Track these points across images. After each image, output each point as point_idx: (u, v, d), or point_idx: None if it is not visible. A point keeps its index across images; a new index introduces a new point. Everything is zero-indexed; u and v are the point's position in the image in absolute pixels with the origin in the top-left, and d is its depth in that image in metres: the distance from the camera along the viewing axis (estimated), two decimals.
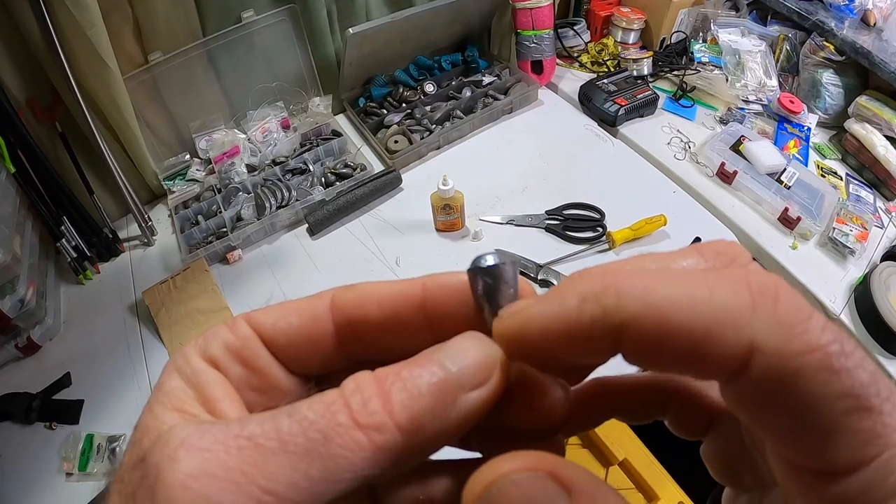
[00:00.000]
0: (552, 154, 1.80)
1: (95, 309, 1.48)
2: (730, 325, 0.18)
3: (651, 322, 0.19)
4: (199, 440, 0.21)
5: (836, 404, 0.18)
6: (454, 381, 0.23)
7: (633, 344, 0.20)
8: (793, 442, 0.19)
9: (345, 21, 1.81)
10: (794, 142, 1.79)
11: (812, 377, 0.18)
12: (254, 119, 1.82)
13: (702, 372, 0.20)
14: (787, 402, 0.18)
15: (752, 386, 0.19)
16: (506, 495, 0.21)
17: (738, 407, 0.21)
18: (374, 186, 1.64)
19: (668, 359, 0.20)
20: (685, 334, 0.19)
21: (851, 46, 1.79)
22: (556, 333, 0.22)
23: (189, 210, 1.63)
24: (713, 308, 0.19)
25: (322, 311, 0.28)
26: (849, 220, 1.53)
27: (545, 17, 1.88)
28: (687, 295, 0.19)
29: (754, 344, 0.18)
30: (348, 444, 0.21)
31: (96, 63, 1.37)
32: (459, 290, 0.27)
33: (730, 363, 0.19)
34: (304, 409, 0.22)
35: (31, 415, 1.25)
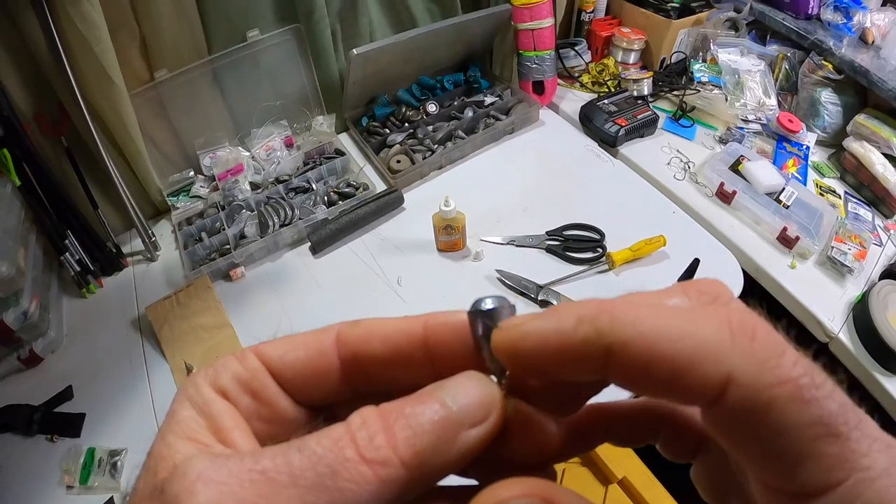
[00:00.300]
0: (553, 174, 1.81)
1: (98, 323, 1.49)
2: (710, 357, 0.20)
3: (639, 348, 0.21)
4: (216, 473, 0.22)
5: (805, 431, 0.19)
6: (455, 418, 0.24)
7: (619, 366, 0.22)
8: (766, 466, 0.21)
9: (349, 41, 1.83)
10: (792, 161, 1.79)
11: (783, 407, 0.19)
12: (258, 137, 1.84)
13: (682, 397, 0.22)
14: (760, 429, 0.20)
15: (729, 413, 0.21)
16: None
17: (716, 431, 0.22)
18: (377, 206, 1.65)
19: (651, 383, 0.22)
20: (669, 362, 0.21)
21: (850, 65, 1.80)
22: (551, 347, 0.24)
23: (192, 226, 1.63)
24: (696, 341, 0.21)
25: (328, 346, 0.29)
26: (847, 239, 1.53)
27: (547, 38, 1.90)
28: (674, 327, 0.21)
29: (731, 375, 0.20)
30: (355, 478, 0.22)
31: (103, 79, 1.39)
32: (459, 328, 0.28)
33: (708, 392, 0.21)
34: (312, 443, 0.23)
35: (32, 427, 1.25)
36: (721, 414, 0.21)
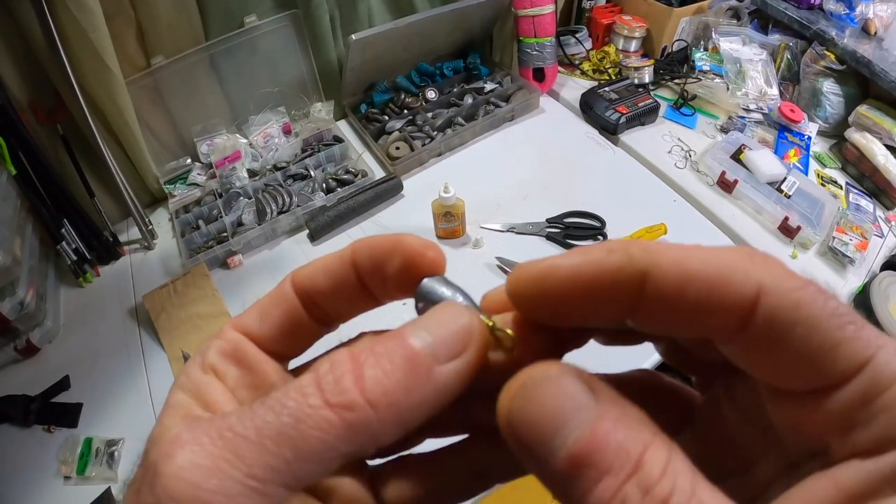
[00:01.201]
0: (553, 162, 1.80)
1: (95, 312, 1.48)
2: (740, 271, 0.21)
3: (673, 268, 0.22)
4: (189, 435, 0.22)
5: (832, 321, 0.21)
6: (427, 352, 0.23)
7: (655, 291, 0.22)
8: (799, 369, 0.21)
9: (347, 27, 1.81)
10: (794, 151, 1.79)
11: (810, 304, 0.21)
12: (255, 124, 1.82)
13: (718, 316, 0.22)
14: (793, 331, 0.21)
15: (762, 322, 0.21)
16: (540, 388, 0.22)
17: (745, 350, 0.23)
18: (375, 193, 1.64)
19: (687, 305, 0.22)
20: (703, 279, 0.21)
21: (852, 55, 1.79)
22: (582, 279, 0.23)
23: (190, 214, 1.63)
24: (724, 261, 0.22)
25: (288, 293, 0.29)
26: (848, 230, 1.53)
27: (547, 25, 1.88)
28: (701, 253, 0.22)
29: (761, 285, 0.21)
30: (319, 425, 0.21)
31: (98, 66, 1.37)
32: (378, 248, 0.28)
33: (743, 302, 0.21)
34: (278, 395, 0.23)
35: (29, 417, 1.25)
36: (754, 326, 0.21)
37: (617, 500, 0.19)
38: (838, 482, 0.21)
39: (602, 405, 0.21)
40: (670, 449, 0.21)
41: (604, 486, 0.19)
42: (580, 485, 0.20)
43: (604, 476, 0.20)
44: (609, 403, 0.22)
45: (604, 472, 0.20)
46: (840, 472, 0.21)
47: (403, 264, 0.28)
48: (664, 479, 0.19)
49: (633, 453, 0.20)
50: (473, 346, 0.24)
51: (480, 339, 0.25)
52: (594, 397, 0.22)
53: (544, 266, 0.24)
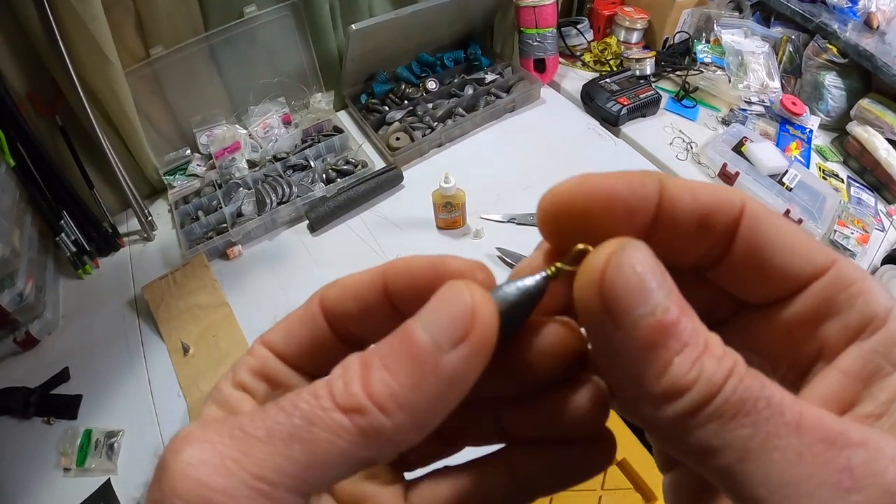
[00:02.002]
0: (554, 153, 1.80)
1: (94, 303, 1.48)
2: (728, 190, 0.25)
3: (681, 183, 0.25)
4: (201, 433, 0.22)
5: (797, 230, 0.25)
6: (428, 342, 0.22)
7: (670, 196, 0.24)
8: (782, 268, 0.25)
9: (347, 17, 1.80)
10: (795, 143, 1.78)
11: (778, 216, 0.25)
12: (255, 114, 1.82)
13: (717, 219, 0.25)
14: (773, 233, 0.25)
15: (749, 227, 0.25)
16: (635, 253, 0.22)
17: (736, 268, 0.26)
18: (376, 183, 1.64)
19: (697, 208, 0.25)
20: (704, 189, 0.25)
21: (854, 49, 1.79)
22: (613, 190, 0.24)
23: (189, 205, 1.62)
24: (714, 185, 0.25)
25: (316, 313, 0.28)
26: (850, 223, 1.53)
27: (548, 16, 1.88)
28: (694, 180, 0.26)
29: (743, 199, 0.25)
30: (332, 428, 0.21)
31: (97, 56, 1.36)
32: (415, 273, 0.27)
33: (735, 209, 0.24)
34: (291, 396, 0.22)
35: (29, 409, 1.25)
36: (742, 231, 0.25)
37: (695, 370, 0.21)
38: (844, 369, 0.24)
39: (674, 287, 0.23)
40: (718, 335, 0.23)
41: (684, 357, 0.21)
42: (662, 355, 0.21)
43: (684, 348, 0.21)
44: (676, 288, 0.23)
45: (684, 344, 0.21)
46: (843, 360, 0.24)
47: None
48: (728, 353, 0.21)
49: (702, 331, 0.22)
50: (478, 325, 0.22)
51: (485, 318, 0.23)
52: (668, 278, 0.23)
53: (579, 178, 0.25)
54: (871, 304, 0.23)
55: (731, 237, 0.25)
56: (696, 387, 0.20)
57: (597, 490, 1.54)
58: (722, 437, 0.20)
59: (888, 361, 0.23)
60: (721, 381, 0.20)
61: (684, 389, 0.20)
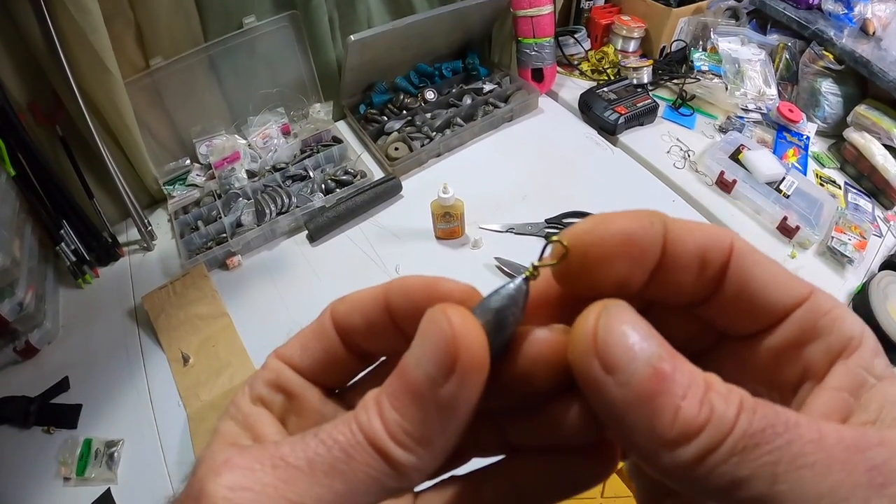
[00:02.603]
0: (552, 162, 1.80)
1: (94, 313, 1.48)
2: (719, 229, 0.26)
3: (683, 227, 0.26)
4: (240, 459, 0.23)
5: (778, 266, 0.26)
6: (424, 378, 0.23)
7: (673, 239, 0.25)
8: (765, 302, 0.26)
9: (346, 28, 1.81)
10: (792, 150, 1.79)
11: (761, 253, 0.26)
12: (254, 125, 1.82)
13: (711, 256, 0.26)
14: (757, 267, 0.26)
15: (737, 262, 0.26)
16: (622, 311, 0.24)
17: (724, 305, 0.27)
18: (375, 193, 1.64)
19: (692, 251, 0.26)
20: (706, 234, 0.26)
21: (850, 55, 1.79)
22: (633, 240, 0.25)
23: (189, 215, 1.63)
24: (707, 225, 0.26)
25: (328, 328, 0.29)
26: (847, 229, 1.53)
27: (546, 25, 1.89)
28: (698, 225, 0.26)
29: (732, 237, 0.26)
30: (368, 462, 0.22)
31: (98, 67, 1.37)
32: (415, 292, 0.27)
33: (726, 245, 0.26)
34: (328, 429, 0.24)
35: (28, 419, 1.24)
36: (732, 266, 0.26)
37: (705, 409, 0.21)
38: (833, 386, 0.25)
39: (662, 338, 0.23)
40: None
41: (691, 399, 0.21)
42: (668, 402, 0.21)
43: (688, 391, 0.21)
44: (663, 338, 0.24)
45: (687, 387, 0.22)
46: (830, 378, 0.25)
47: None
48: (732, 389, 0.22)
49: (699, 373, 0.22)
50: (463, 350, 0.23)
51: (470, 339, 0.23)
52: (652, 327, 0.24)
53: (592, 221, 0.26)
54: (847, 326, 0.25)
55: (723, 274, 0.26)
56: (710, 425, 0.21)
57: (596, 498, 1.54)
58: (748, 467, 0.20)
59: (871, 374, 0.24)
60: (734, 417, 0.21)
61: (699, 430, 0.21)
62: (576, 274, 0.26)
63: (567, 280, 0.27)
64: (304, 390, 0.29)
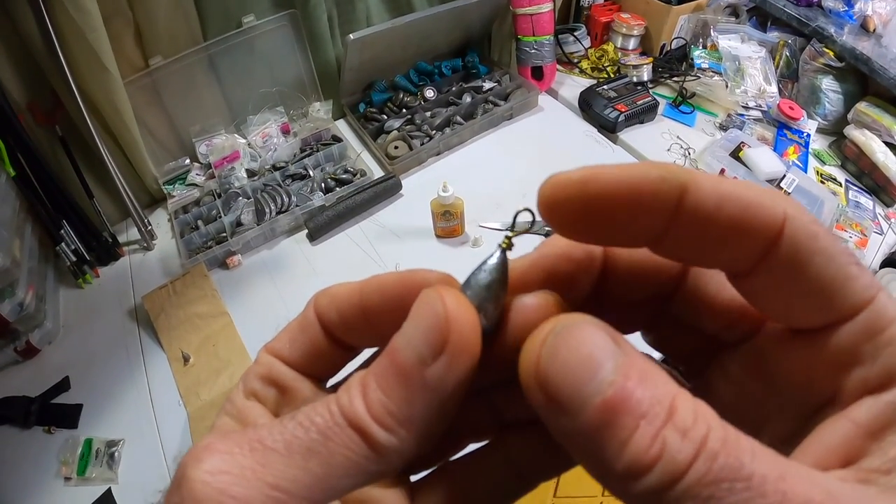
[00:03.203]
0: (552, 160, 1.80)
1: (95, 313, 1.48)
2: (768, 198, 0.22)
3: (710, 187, 0.22)
4: (220, 444, 0.22)
5: (843, 257, 0.22)
6: (412, 358, 0.23)
7: (692, 206, 0.22)
8: (813, 300, 0.22)
9: (345, 26, 1.81)
10: (793, 148, 1.79)
11: (826, 237, 0.22)
12: (254, 124, 1.82)
13: (746, 238, 0.22)
14: (811, 260, 0.21)
15: (786, 249, 0.22)
16: (571, 334, 0.22)
17: (764, 286, 0.23)
18: (374, 192, 1.64)
19: (719, 223, 0.22)
20: (737, 199, 0.22)
21: (851, 52, 1.79)
22: (625, 187, 0.22)
23: (189, 215, 1.63)
24: (754, 189, 0.22)
25: (312, 319, 0.29)
26: (848, 227, 1.53)
27: (546, 23, 1.88)
28: (732, 181, 0.22)
29: (787, 213, 0.21)
30: (346, 443, 0.22)
31: (97, 67, 1.37)
32: (386, 290, 0.27)
33: (772, 225, 0.21)
34: (306, 411, 0.23)
35: (29, 419, 1.25)
36: (777, 251, 0.22)
37: (656, 445, 0.19)
38: (855, 419, 0.22)
39: (626, 354, 0.21)
40: (694, 397, 0.21)
41: (642, 433, 0.19)
42: (617, 434, 0.19)
43: (640, 422, 0.19)
44: (634, 353, 0.22)
45: (640, 417, 0.19)
46: (855, 410, 0.22)
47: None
48: (698, 422, 0.19)
49: (665, 399, 0.20)
50: (454, 330, 0.23)
51: (460, 322, 0.23)
52: (618, 345, 0.22)
53: (585, 172, 0.23)
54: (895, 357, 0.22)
55: (764, 254, 0.22)
56: (659, 464, 0.19)
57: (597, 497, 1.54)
58: None
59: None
60: (688, 460, 0.19)
61: (648, 467, 0.19)
62: (572, 229, 0.26)
63: (569, 234, 0.26)
64: (296, 382, 0.29)
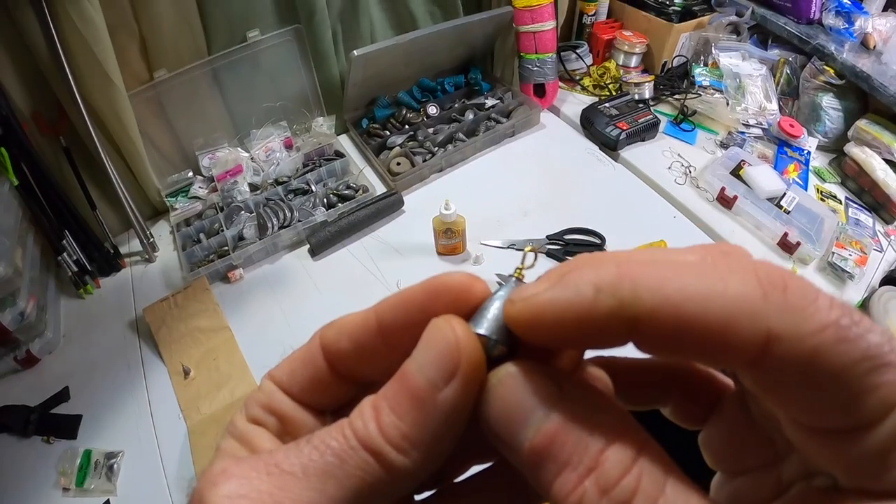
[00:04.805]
0: (553, 178, 1.81)
1: (95, 324, 1.48)
2: (745, 315, 0.19)
3: (667, 315, 0.20)
4: (236, 468, 0.23)
5: (856, 368, 0.18)
6: (425, 383, 0.23)
7: (648, 336, 0.21)
8: (819, 410, 0.20)
9: (349, 42, 1.82)
10: (793, 166, 1.79)
11: (829, 350, 0.18)
12: (257, 138, 1.83)
13: (719, 361, 0.21)
14: (809, 378, 0.19)
15: (773, 369, 0.19)
16: (503, 386, 0.24)
17: (758, 389, 0.21)
18: (376, 208, 1.64)
19: (683, 350, 0.20)
20: (701, 327, 0.19)
21: (851, 70, 1.80)
22: (570, 322, 0.22)
23: (191, 228, 1.63)
24: (727, 300, 0.19)
25: (316, 353, 0.29)
26: (848, 245, 1.53)
27: (548, 41, 1.90)
28: (702, 287, 0.20)
29: (770, 331, 0.19)
30: (361, 466, 0.23)
31: (101, 79, 1.38)
32: (404, 308, 0.27)
33: (748, 352, 0.19)
34: (321, 435, 0.24)
35: (28, 428, 1.24)
36: (764, 371, 0.20)
37: (576, 495, 0.20)
38: None
39: (566, 401, 0.23)
40: (642, 448, 0.21)
41: (563, 480, 0.21)
42: (544, 476, 0.22)
43: (563, 470, 0.21)
44: (574, 396, 0.23)
45: (563, 465, 0.21)
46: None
47: (453, 302, 0.26)
48: (626, 478, 0.20)
49: (592, 450, 0.21)
50: (464, 361, 0.23)
51: (469, 352, 0.24)
52: (560, 394, 0.23)
53: (533, 308, 0.23)
54: None
55: (752, 366, 0.20)
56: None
57: None
58: None
59: None
60: None
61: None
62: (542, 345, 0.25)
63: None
64: (296, 413, 0.29)
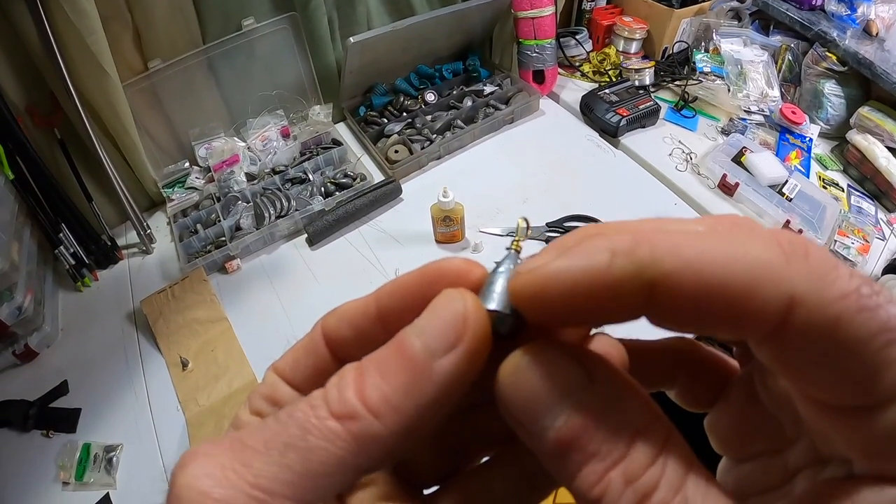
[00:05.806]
0: (553, 165, 1.79)
1: (93, 317, 1.48)
2: (767, 279, 0.18)
3: (687, 278, 0.19)
4: (206, 447, 0.23)
5: (877, 339, 0.18)
6: (422, 348, 0.22)
7: (666, 304, 0.19)
8: (837, 385, 0.19)
9: (346, 29, 1.80)
10: (795, 153, 1.78)
11: (851, 319, 0.18)
12: (253, 127, 1.82)
13: (739, 329, 0.19)
14: (831, 348, 0.18)
15: (794, 338, 0.18)
16: (533, 368, 0.22)
17: (775, 362, 0.20)
18: (374, 197, 1.63)
19: (703, 317, 0.19)
20: (722, 290, 0.18)
21: (854, 57, 1.79)
22: (582, 291, 0.20)
23: (188, 218, 1.62)
24: (749, 263, 0.18)
25: (318, 342, 0.29)
26: (850, 233, 1.52)
27: (547, 27, 1.88)
28: (723, 251, 0.19)
29: (794, 295, 0.18)
30: (326, 436, 0.22)
31: (95, 70, 1.37)
32: (404, 292, 0.27)
33: (771, 317, 0.18)
34: (289, 408, 0.23)
35: (27, 422, 1.24)
36: (783, 341, 0.19)
37: (600, 486, 0.20)
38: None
39: (596, 387, 0.22)
40: (667, 438, 0.20)
41: (589, 471, 0.20)
42: (567, 466, 0.21)
43: (590, 460, 0.20)
44: (604, 385, 0.22)
45: (589, 456, 0.20)
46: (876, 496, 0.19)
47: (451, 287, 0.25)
48: (651, 469, 0.20)
49: (621, 440, 0.20)
50: (469, 332, 0.23)
51: (477, 324, 0.23)
52: (590, 378, 0.22)
53: (539, 279, 0.21)
54: None
55: (772, 335, 0.19)
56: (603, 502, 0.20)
57: None
58: None
59: None
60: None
61: (594, 501, 0.20)
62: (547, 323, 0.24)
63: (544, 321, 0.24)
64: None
